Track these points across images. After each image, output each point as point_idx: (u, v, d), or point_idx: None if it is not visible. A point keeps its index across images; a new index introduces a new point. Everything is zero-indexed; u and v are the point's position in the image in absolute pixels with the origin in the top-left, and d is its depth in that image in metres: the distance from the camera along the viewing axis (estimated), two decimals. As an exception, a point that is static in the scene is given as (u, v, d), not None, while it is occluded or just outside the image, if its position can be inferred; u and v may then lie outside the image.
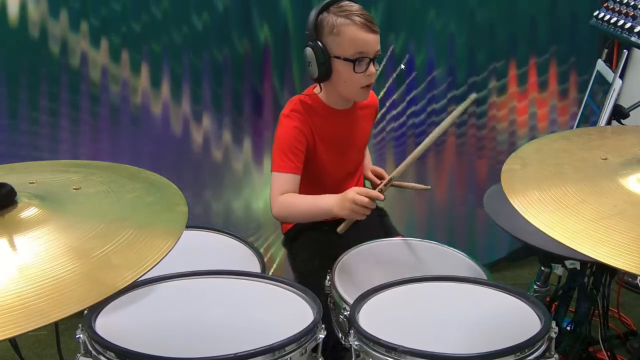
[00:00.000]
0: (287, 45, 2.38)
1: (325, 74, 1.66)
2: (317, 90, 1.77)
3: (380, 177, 1.92)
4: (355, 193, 1.53)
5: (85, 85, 2.23)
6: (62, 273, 0.89)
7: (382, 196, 1.55)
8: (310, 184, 1.74)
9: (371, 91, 1.80)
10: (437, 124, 2.52)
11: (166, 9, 2.23)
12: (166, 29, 2.26)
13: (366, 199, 1.52)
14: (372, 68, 1.65)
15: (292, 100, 1.77)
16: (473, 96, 1.60)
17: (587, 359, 1.95)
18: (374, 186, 1.86)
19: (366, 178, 1.97)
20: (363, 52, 1.63)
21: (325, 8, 1.64)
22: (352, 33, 1.62)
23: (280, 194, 1.66)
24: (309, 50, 1.65)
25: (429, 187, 1.80)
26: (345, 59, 1.63)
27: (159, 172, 1.26)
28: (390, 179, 1.59)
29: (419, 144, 1.57)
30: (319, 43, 1.63)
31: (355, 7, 1.65)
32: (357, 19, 1.61)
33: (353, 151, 1.86)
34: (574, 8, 2.61)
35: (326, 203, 1.61)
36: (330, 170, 1.80)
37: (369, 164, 2.00)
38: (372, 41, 1.63)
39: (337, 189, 1.71)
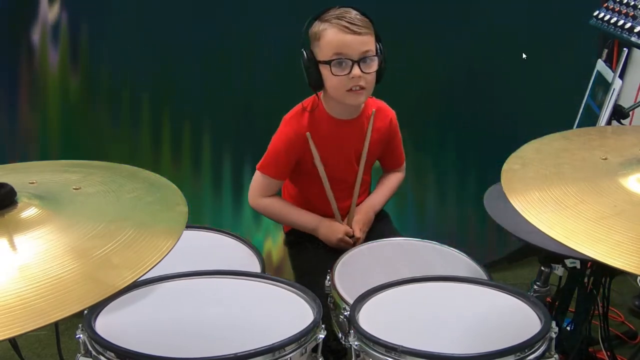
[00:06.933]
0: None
1: (316, 81, 1.65)
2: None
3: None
4: (344, 235, 1.73)
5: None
6: (62, 273, 0.88)
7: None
8: (311, 186, 1.76)
9: (387, 107, 1.81)
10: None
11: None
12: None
13: (350, 240, 1.73)
14: (356, 70, 1.59)
15: (298, 105, 1.76)
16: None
17: (587, 359, 1.95)
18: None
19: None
20: (341, 54, 1.59)
21: (316, 17, 1.64)
22: (329, 36, 1.60)
23: (263, 197, 1.76)
24: (302, 60, 1.66)
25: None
26: (324, 62, 1.62)
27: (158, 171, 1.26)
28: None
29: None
30: (309, 51, 1.64)
31: (339, 11, 1.63)
32: (335, 21, 1.60)
33: (354, 163, 1.80)
34: (574, 8, 2.60)
35: (310, 225, 1.77)
36: (330, 177, 1.76)
37: (370, 208, 1.84)
38: (351, 43, 1.59)
39: (336, 198, 1.75)
